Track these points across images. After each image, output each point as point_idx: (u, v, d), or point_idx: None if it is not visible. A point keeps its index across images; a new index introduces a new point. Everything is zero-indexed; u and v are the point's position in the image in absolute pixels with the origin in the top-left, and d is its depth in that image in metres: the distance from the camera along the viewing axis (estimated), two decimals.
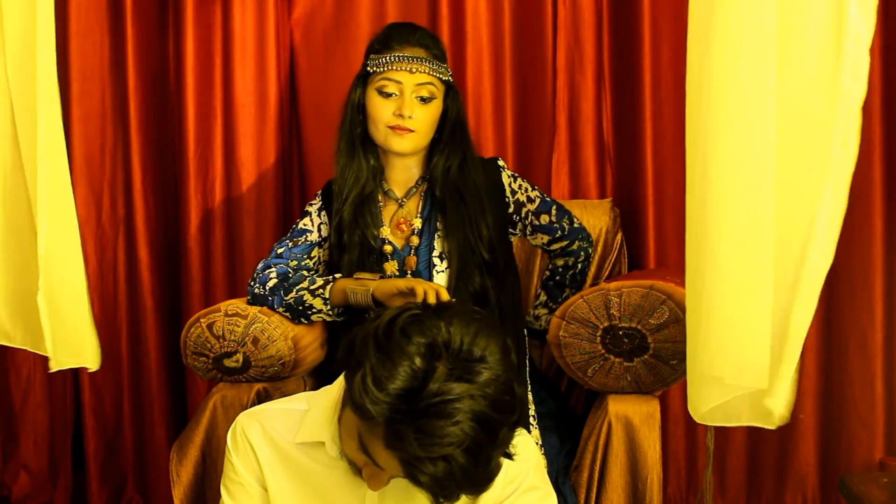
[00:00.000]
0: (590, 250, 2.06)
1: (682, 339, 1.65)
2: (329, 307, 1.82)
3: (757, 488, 2.53)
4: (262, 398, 1.84)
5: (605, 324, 1.71)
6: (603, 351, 1.73)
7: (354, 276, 1.84)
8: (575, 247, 2.01)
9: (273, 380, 1.88)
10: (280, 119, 2.57)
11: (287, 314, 1.85)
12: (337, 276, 1.86)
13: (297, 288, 1.85)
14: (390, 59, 1.84)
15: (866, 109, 2.29)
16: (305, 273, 1.90)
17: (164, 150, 2.63)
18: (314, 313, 1.84)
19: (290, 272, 1.89)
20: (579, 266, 2.04)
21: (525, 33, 2.50)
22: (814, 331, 2.43)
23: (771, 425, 1.33)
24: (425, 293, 1.66)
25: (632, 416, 1.71)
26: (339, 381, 1.39)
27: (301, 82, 2.57)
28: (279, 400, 1.52)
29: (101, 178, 2.58)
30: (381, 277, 1.84)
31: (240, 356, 1.81)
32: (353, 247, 1.88)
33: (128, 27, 2.53)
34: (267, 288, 1.86)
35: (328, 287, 1.82)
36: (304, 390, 1.82)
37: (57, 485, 2.69)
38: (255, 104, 2.55)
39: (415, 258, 1.89)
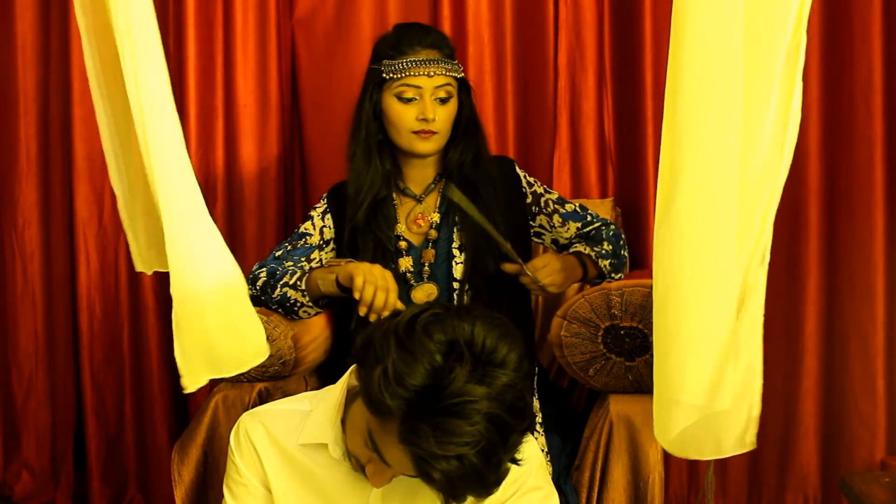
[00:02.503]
0: (620, 234, 1.99)
1: None
2: (307, 299, 1.80)
3: (758, 488, 2.53)
4: (263, 398, 1.84)
5: (607, 323, 1.71)
6: (604, 350, 1.73)
7: (326, 265, 1.83)
8: (604, 233, 1.96)
9: (274, 379, 1.88)
10: (281, 118, 2.57)
11: (280, 311, 1.84)
12: (313, 265, 1.85)
13: (281, 284, 1.83)
14: (407, 64, 1.84)
15: (867, 110, 2.34)
16: (290, 267, 1.87)
17: None
18: (300, 308, 1.82)
19: (278, 270, 1.87)
20: (594, 230, 1.97)
21: (526, 33, 2.50)
22: (815, 330, 2.44)
23: (729, 452, 1.23)
24: (363, 290, 1.63)
25: (633, 415, 1.71)
26: (342, 381, 1.39)
27: (302, 82, 2.57)
28: (282, 400, 1.52)
29: (102, 178, 2.56)
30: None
31: None
32: (366, 249, 1.88)
33: None
34: (258, 287, 1.85)
35: (304, 279, 1.80)
36: (306, 390, 1.82)
37: (59, 484, 2.69)
38: (256, 104, 2.54)
39: (433, 251, 1.90)
